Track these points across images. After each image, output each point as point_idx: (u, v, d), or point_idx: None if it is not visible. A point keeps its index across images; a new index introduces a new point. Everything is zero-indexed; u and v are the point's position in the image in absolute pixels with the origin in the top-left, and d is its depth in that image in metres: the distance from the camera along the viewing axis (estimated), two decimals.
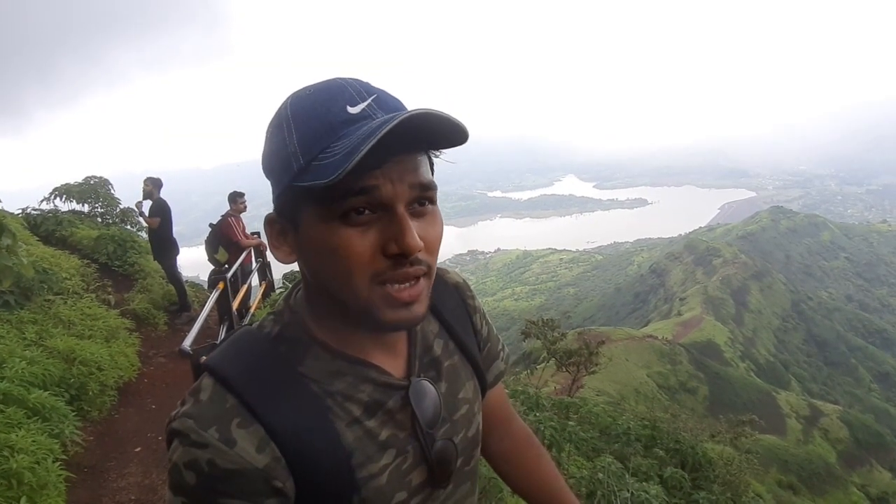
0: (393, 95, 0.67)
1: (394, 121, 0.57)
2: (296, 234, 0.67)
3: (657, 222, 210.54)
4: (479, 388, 0.91)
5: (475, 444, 0.87)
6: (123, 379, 5.37)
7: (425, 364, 0.81)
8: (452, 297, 0.92)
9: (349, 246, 0.63)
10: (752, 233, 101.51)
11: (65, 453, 3.60)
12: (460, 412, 0.83)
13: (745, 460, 9.92)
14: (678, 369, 39.39)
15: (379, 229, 0.63)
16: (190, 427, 0.63)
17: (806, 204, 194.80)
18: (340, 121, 0.62)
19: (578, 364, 14.56)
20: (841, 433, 33.41)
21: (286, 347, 0.71)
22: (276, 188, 0.67)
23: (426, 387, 0.78)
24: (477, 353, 0.92)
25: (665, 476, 7.09)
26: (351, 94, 0.64)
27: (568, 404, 8.94)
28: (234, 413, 0.64)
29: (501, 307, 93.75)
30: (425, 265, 0.66)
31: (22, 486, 2.88)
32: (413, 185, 0.64)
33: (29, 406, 3.69)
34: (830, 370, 56.52)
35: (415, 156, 0.65)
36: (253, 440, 0.63)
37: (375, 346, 0.75)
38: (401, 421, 0.75)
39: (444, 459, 0.78)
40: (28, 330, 5.11)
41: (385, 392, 0.74)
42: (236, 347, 0.72)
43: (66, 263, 7.19)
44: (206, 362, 0.70)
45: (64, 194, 10.13)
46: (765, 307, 64.20)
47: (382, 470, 0.72)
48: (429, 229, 0.67)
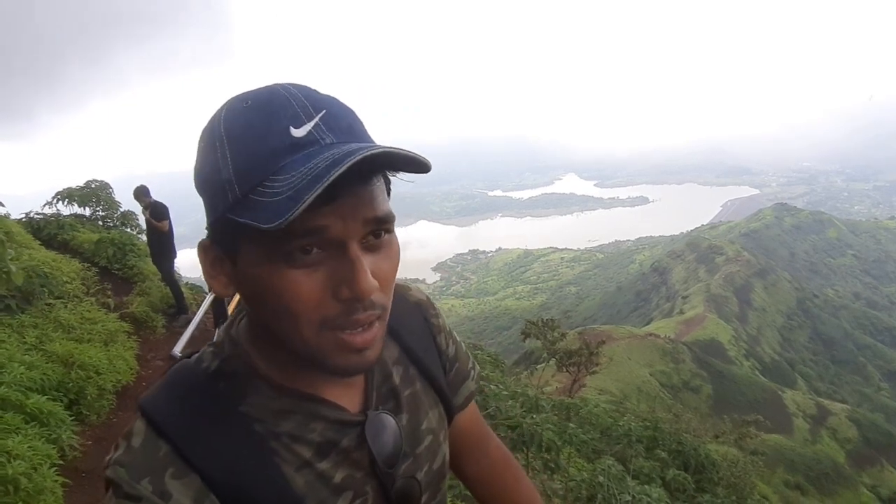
0: (345, 107, 0.59)
1: (344, 165, 0.49)
2: (233, 267, 0.59)
3: (659, 220, 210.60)
4: (445, 414, 0.84)
5: (441, 476, 0.80)
6: (122, 382, 5.37)
7: (384, 394, 0.74)
8: (414, 317, 0.84)
9: (295, 289, 0.55)
10: (756, 230, 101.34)
11: (62, 458, 3.59)
12: (423, 444, 0.76)
13: (750, 461, 9.88)
14: (681, 368, 39.35)
15: (329, 270, 0.55)
16: (122, 478, 0.57)
17: (811, 201, 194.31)
18: (282, 147, 0.53)
19: (579, 364, 14.58)
20: (850, 432, 33.16)
21: (225, 384, 0.64)
22: (209, 214, 0.59)
23: (385, 420, 0.71)
24: (441, 377, 0.84)
25: (667, 478, 7.04)
26: (295, 111, 0.55)
27: (568, 405, 8.91)
28: (167, 462, 0.58)
29: (503, 306, 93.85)
30: (379, 308, 0.59)
31: (19, 493, 2.88)
32: (367, 221, 0.56)
33: (27, 411, 3.68)
34: (838, 369, 56.28)
35: (370, 188, 0.56)
36: (188, 492, 0.57)
37: (327, 380, 0.66)
38: (357, 460, 0.68)
39: (406, 499, 0.72)
40: (28, 334, 5.11)
41: (338, 430, 0.67)
42: (171, 387, 0.65)
43: (67, 267, 7.20)
44: (139, 402, 0.63)
45: (66, 198, 10.17)
46: (769, 305, 64.05)
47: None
48: (383, 264, 0.59)
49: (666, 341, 42.64)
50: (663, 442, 8.02)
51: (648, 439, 8.01)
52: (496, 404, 6.52)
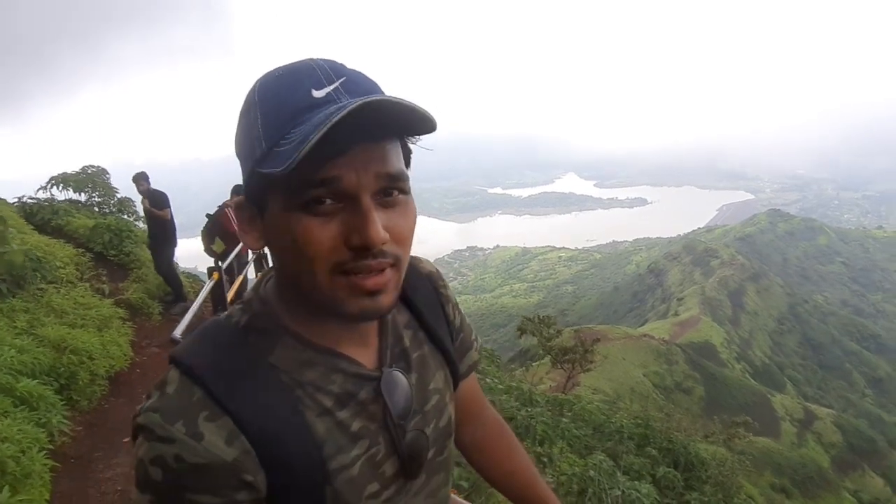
0: (368, 78, 0.64)
1: (345, 109, 0.54)
2: (262, 220, 0.65)
3: (657, 222, 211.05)
4: (451, 378, 0.89)
5: (447, 434, 0.85)
6: (115, 368, 5.33)
7: (396, 354, 0.79)
8: (425, 286, 0.90)
9: (309, 236, 0.60)
10: (750, 235, 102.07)
11: (52, 443, 3.57)
12: (431, 403, 0.81)
13: (738, 461, 9.94)
14: (674, 369, 39.54)
15: (342, 220, 0.61)
16: (155, 422, 0.61)
17: (803, 207, 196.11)
18: (303, 105, 0.59)
19: (573, 361, 14.60)
20: (834, 437, 33.65)
21: (255, 337, 0.68)
22: (244, 172, 0.66)
23: (397, 377, 0.76)
24: (449, 343, 0.89)
25: (657, 475, 7.10)
26: (318, 77, 0.61)
27: (562, 401, 8.94)
28: (201, 406, 0.62)
29: (499, 304, 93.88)
30: (391, 257, 0.63)
31: (6, 476, 2.85)
32: (380, 175, 0.61)
33: (16, 395, 3.66)
34: (825, 374, 56.86)
35: (382, 144, 0.61)
36: (221, 433, 0.61)
37: (347, 336, 0.72)
38: (372, 412, 0.73)
39: (415, 451, 0.76)
40: (19, 318, 5.08)
41: (356, 383, 0.72)
42: (204, 338, 0.69)
43: (61, 252, 7.15)
44: (172, 353, 0.68)
45: (61, 183, 10.08)
46: (761, 309, 64.51)
47: (354, 461, 0.70)
48: (398, 220, 0.64)
49: (660, 342, 42.82)
50: (654, 440, 8.08)
51: (640, 437, 8.06)
52: (491, 397, 6.55)
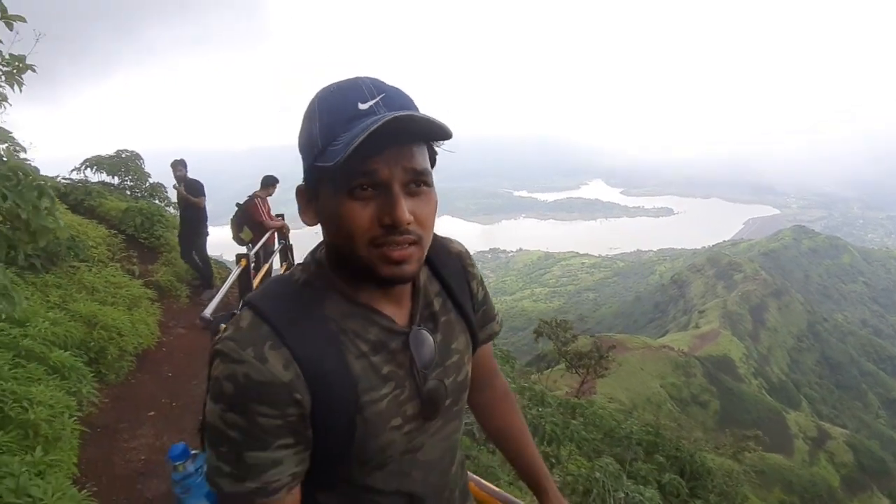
0: (403, 93, 0.82)
1: (380, 121, 0.72)
2: (316, 202, 0.84)
3: (682, 233, 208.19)
4: (471, 342, 1.05)
5: (463, 388, 1.01)
6: (142, 346, 5.54)
7: (425, 316, 0.96)
8: (454, 263, 1.07)
9: (352, 216, 0.78)
10: (775, 250, 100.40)
11: (80, 411, 3.74)
12: (451, 360, 0.98)
13: (743, 473, 9.88)
14: (692, 382, 39.15)
15: (377, 204, 0.78)
16: (231, 347, 0.79)
17: (828, 225, 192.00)
18: (351, 115, 0.77)
19: (588, 367, 14.52)
20: (846, 457, 33.20)
21: (310, 292, 0.87)
22: (304, 165, 0.83)
23: (424, 335, 0.93)
24: (471, 312, 1.06)
25: (663, 481, 7.13)
26: (363, 93, 0.78)
27: (574, 405, 8.97)
28: (267, 338, 0.80)
29: (519, 307, 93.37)
30: (415, 235, 0.80)
31: (38, 437, 3.02)
32: (407, 169, 0.79)
33: (49, 364, 3.84)
34: (841, 393, 55.85)
35: (410, 146, 0.79)
36: (281, 360, 0.79)
37: (384, 297, 0.90)
38: (401, 361, 0.90)
39: (434, 396, 0.93)
40: (52, 293, 5.30)
41: (389, 335, 0.89)
42: (271, 290, 0.88)
43: (94, 232, 7.39)
44: (246, 298, 0.87)
45: (94, 165, 10.37)
46: (781, 326, 63.52)
47: (382, 398, 0.87)
48: (422, 207, 0.81)
49: (679, 354, 42.41)
50: (663, 447, 8.10)
51: (649, 443, 8.07)
52: None
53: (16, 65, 2.69)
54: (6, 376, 3.21)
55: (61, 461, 2.99)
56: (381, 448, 0.87)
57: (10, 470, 2.44)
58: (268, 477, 0.79)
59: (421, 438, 0.93)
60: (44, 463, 2.79)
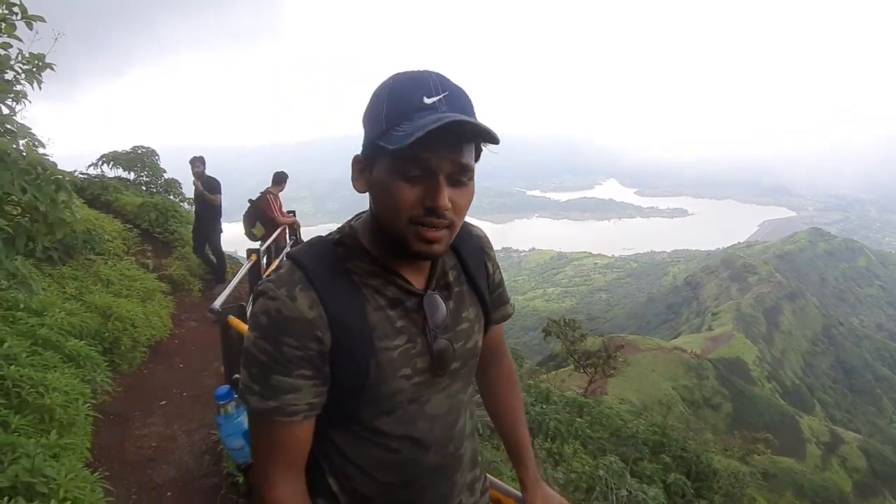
0: (464, 94, 0.92)
1: (440, 122, 0.82)
2: (370, 174, 0.94)
3: (696, 234, 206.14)
4: (483, 317, 1.16)
5: (472, 355, 1.11)
6: (155, 338, 5.67)
7: (441, 285, 1.07)
8: (474, 244, 1.19)
9: (400, 194, 0.88)
10: (790, 253, 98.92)
11: (94, 399, 3.86)
12: (461, 326, 1.08)
13: (750, 475, 9.83)
14: (704, 384, 38.79)
15: (423, 188, 0.88)
16: (269, 287, 0.93)
17: (844, 228, 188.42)
18: (416, 107, 0.87)
19: (596, 366, 14.51)
20: (859, 462, 32.68)
21: (342, 250, 1.00)
22: (365, 138, 0.94)
23: (437, 300, 1.04)
24: (485, 290, 1.17)
25: (668, 481, 7.13)
26: (429, 88, 0.89)
27: (581, 403, 8.99)
28: (299, 281, 0.93)
29: (531, 307, 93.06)
30: (449, 220, 0.91)
31: (53, 422, 3.13)
32: (454, 163, 0.89)
33: (65, 352, 3.97)
34: (855, 398, 54.93)
35: (461, 143, 0.89)
36: (307, 300, 0.92)
37: (405, 263, 1.01)
38: (415, 318, 1.01)
39: (442, 354, 1.02)
40: (69, 285, 5.45)
41: (406, 295, 1.00)
42: (310, 246, 1.01)
43: (109, 226, 7.56)
44: (289, 252, 1.00)
45: (111, 161, 10.59)
46: (795, 329, 62.67)
47: (395, 348, 0.98)
48: (460, 197, 0.92)
49: (692, 356, 42.04)
50: (669, 447, 8.09)
51: (655, 443, 8.07)
52: None
53: (35, 63, 2.80)
54: (24, 363, 3.33)
55: (75, 445, 3.10)
56: (391, 393, 0.98)
57: (27, 451, 2.54)
58: (287, 399, 0.92)
59: (428, 392, 1.03)
60: (58, 446, 2.90)
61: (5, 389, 3.03)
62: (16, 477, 2.37)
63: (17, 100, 2.77)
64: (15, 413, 2.91)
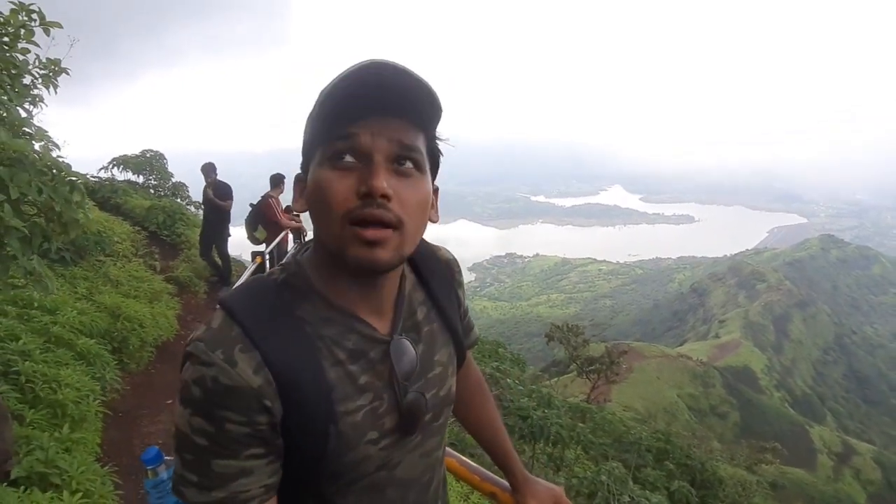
0: (422, 83, 0.77)
1: (359, 73, 0.71)
2: (306, 186, 0.80)
3: (703, 241, 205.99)
4: (456, 355, 1.01)
5: (446, 403, 0.96)
6: (162, 338, 5.75)
7: (408, 326, 0.90)
8: (442, 271, 1.03)
9: (330, 184, 0.73)
10: (800, 260, 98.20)
11: (104, 396, 3.95)
12: (434, 372, 0.93)
13: (757, 484, 9.81)
14: (710, 392, 38.57)
15: (357, 175, 0.73)
16: (200, 349, 0.74)
17: (859, 235, 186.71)
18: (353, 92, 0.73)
19: (599, 372, 14.54)
20: (873, 475, 32.21)
21: (288, 293, 0.81)
22: (303, 145, 0.82)
23: (406, 345, 0.87)
24: (458, 323, 1.02)
25: (672, 489, 7.13)
26: (370, 70, 0.73)
27: (584, 409, 9.02)
28: (237, 339, 0.74)
29: (535, 313, 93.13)
30: (394, 216, 0.74)
31: (65, 417, 3.22)
32: (392, 140, 0.74)
33: (76, 350, 4.07)
34: (869, 408, 54.31)
35: (399, 118, 0.75)
36: (251, 364, 0.73)
37: (365, 304, 0.84)
38: (380, 371, 0.84)
39: (413, 410, 0.87)
40: (80, 285, 5.55)
41: (369, 343, 0.83)
42: (247, 289, 0.83)
43: (119, 229, 7.67)
44: (220, 298, 0.81)
45: (121, 164, 10.74)
46: (806, 337, 62.16)
47: (358, 409, 0.81)
48: (407, 190, 0.76)
49: (698, 364, 41.86)
50: (673, 454, 8.08)
51: (658, 450, 8.07)
52: (511, 397, 6.72)
53: (52, 68, 2.90)
54: (38, 359, 3.43)
55: (86, 440, 3.19)
56: (355, 463, 0.82)
57: (41, 444, 2.64)
58: (236, 487, 0.74)
59: (399, 454, 0.88)
60: (70, 440, 2.99)
61: (20, 385, 3.13)
62: (31, 468, 2.45)
63: (34, 103, 2.86)
64: (30, 407, 3.01)
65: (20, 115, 2.67)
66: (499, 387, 6.37)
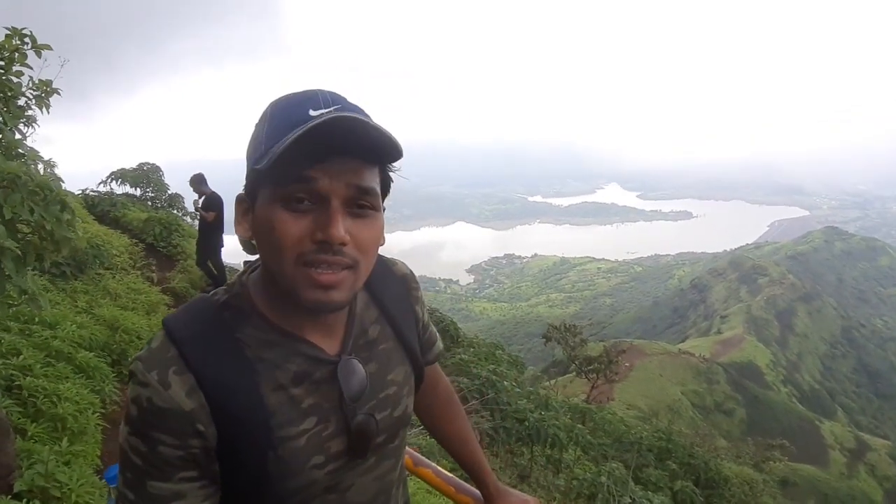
0: (360, 109, 0.76)
1: (321, 119, 0.68)
2: (253, 213, 0.77)
3: (701, 236, 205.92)
4: (414, 374, 0.99)
5: (400, 424, 0.93)
6: None
7: (359, 346, 0.88)
8: (398, 286, 1.00)
9: (283, 227, 0.71)
10: (803, 253, 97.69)
11: (103, 408, 3.99)
12: (386, 392, 0.90)
13: (763, 482, 9.76)
14: (714, 389, 38.38)
15: (313, 218, 0.71)
16: (139, 369, 0.74)
17: (864, 226, 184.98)
18: (300, 120, 0.69)
19: (598, 371, 14.52)
20: (890, 470, 31.78)
21: (229, 314, 0.79)
22: (246, 170, 0.78)
23: (355, 365, 0.84)
24: (415, 340, 1.00)
25: (675, 489, 7.08)
26: (318, 101, 0.72)
27: (583, 410, 9.02)
28: (172, 361, 0.74)
29: (535, 313, 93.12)
30: (350, 259, 0.73)
31: (65, 430, 3.27)
32: (350, 185, 0.72)
33: (76, 364, 4.11)
34: (882, 402, 53.67)
35: (358, 161, 0.73)
36: (184, 386, 0.72)
37: (312, 325, 0.82)
38: (326, 393, 0.81)
39: (363, 432, 0.84)
40: (80, 299, 5.61)
41: (314, 365, 0.81)
42: (189, 309, 0.82)
43: (117, 242, 7.75)
44: (164, 319, 0.80)
45: (119, 178, 10.86)
46: (812, 331, 61.65)
47: (301, 434, 0.79)
48: (363, 230, 0.75)
49: (700, 360, 41.73)
50: (676, 454, 8.03)
51: (660, 450, 8.04)
52: (508, 399, 6.75)
53: (44, 89, 2.97)
54: (38, 374, 3.49)
55: (86, 452, 3.24)
56: (299, 488, 0.80)
57: (41, 457, 2.69)
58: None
59: (350, 477, 0.86)
60: (70, 453, 3.04)
61: (22, 399, 3.18)
62: (32, 482, 2.51)
63: (27, 124, 2.93)
64: (31, 421, 3.06)
65: (14, 138, 2.73)
66: (495, 390, 6.39)
